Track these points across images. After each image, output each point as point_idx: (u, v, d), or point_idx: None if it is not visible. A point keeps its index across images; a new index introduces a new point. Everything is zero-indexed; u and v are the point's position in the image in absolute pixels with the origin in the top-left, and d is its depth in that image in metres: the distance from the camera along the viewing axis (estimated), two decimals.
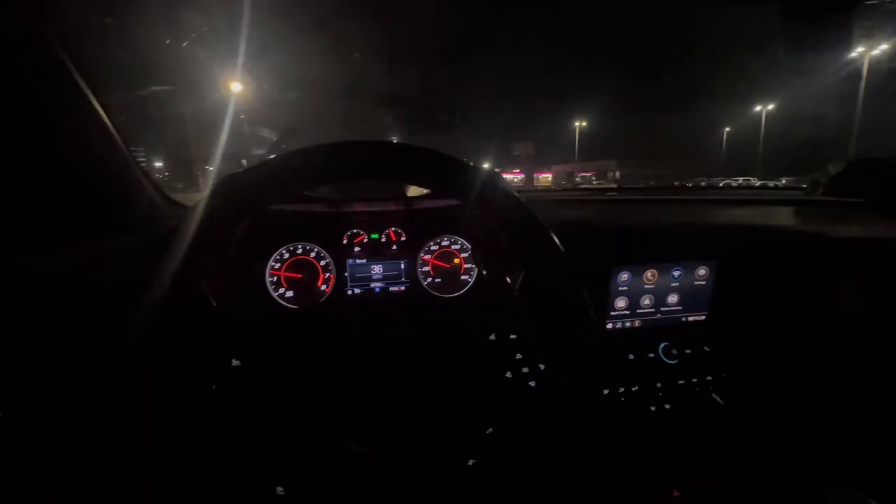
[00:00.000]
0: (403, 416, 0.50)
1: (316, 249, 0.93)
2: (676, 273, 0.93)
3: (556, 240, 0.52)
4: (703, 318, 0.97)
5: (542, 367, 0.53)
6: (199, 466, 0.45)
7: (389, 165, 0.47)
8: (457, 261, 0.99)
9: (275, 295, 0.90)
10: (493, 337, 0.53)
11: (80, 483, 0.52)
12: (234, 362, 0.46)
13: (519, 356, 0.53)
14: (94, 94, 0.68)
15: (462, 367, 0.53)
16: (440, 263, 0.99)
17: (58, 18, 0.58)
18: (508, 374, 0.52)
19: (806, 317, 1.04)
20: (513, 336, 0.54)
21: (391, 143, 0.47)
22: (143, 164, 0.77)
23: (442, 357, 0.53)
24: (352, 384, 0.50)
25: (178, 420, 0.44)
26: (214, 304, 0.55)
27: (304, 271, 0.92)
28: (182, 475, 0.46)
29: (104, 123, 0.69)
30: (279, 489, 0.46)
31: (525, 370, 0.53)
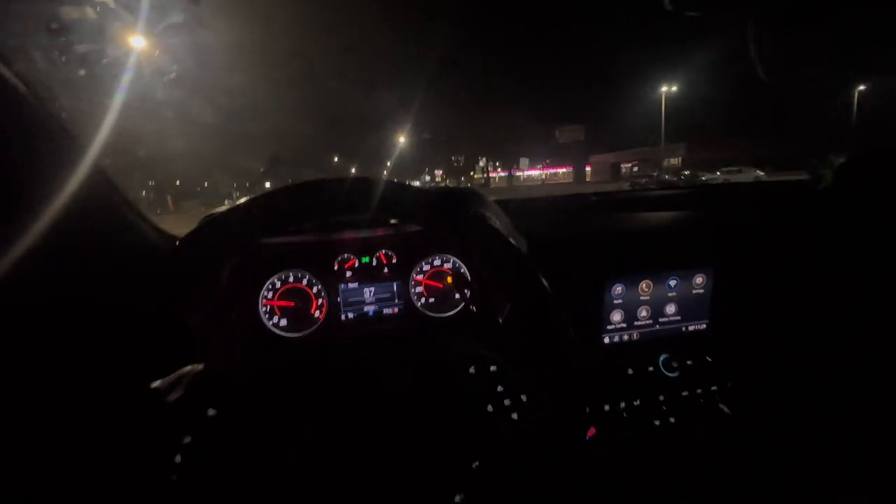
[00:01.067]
0: (390, 451, 0.49)
1: (307, 276, 0.93)
2: (673, 282, 0.91)
3: (537, 271, 0.50)
4: (704, 326, 0.95)
5: (523, 398, 0.52)
6: None
7: (357, 202, 0.47)
8: (449, 280, 0.99)
9: (269, 324, 0.91)
10: (472, 370, 0.53)
11: None
12: (210, 412, 0.47)
13: (500, 388, 0.52)
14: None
15: (446, 399, 0.53)
16: (433, 283, 0.98)
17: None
18: (490, 408, 0.51)
19: (812, 319, 1.01)
20: (493, 368, 0.53)
21: (350, 179, 0.47)
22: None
23: (428, 390, 0.52)
24: (337, 417, 0.49)
25: (156, 471, 0.44)
26: (197, 339, 0.56)
27: (296, 299, 0.92)
28: None
29: (99, 168, 0.70)
30: None
31: (507, 402, 0.52)
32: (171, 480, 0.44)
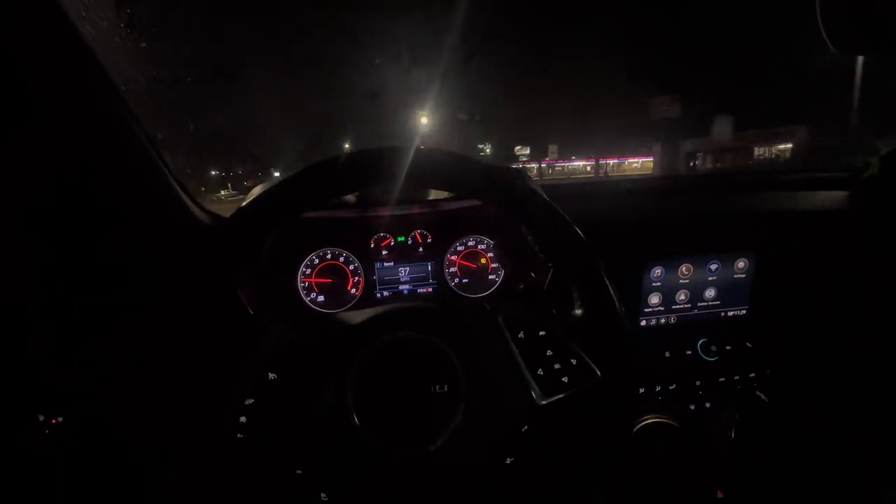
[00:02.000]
0: (439, 414, 0.50)
1: (344, 254, 0.95)
2: (713, 266, 0.89)
3: (582, 236, 0.51)
4: (744, 312, 0.93)
5: (573, 362, 0.52)
6: (243, 477, 0.47)
7: (410, 171, 0.47)
8: (483, 260, 0.99)
9: (307, 300, 0.93)
10: (522, 335, 0.53)
11: (126, 490, 0.55)
12: (271, 376, 0.48)
13: (550, 353, 0.52)
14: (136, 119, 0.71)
15: (493, 366, 0.53)
16: (467, 264, 0.99)
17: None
18: (540, 372, 0.52)
19: (856, 309, 0.98)
20: (542, 332, 0.53)
21: (410, 149, 0.47)
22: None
23: (471, 358, 0.52)
24: (382, 388, 0.50)
25: (221, 432, 0.46)
26: (251, 312, 0.57)
27: (333, 276, 0.94)
28: (228, 483, 0.48)
29: (143, 144, 0.73)
30: (323, 495, 0.47)
31: (557, 366, 0.52)
32: (238, 438, 0.45)
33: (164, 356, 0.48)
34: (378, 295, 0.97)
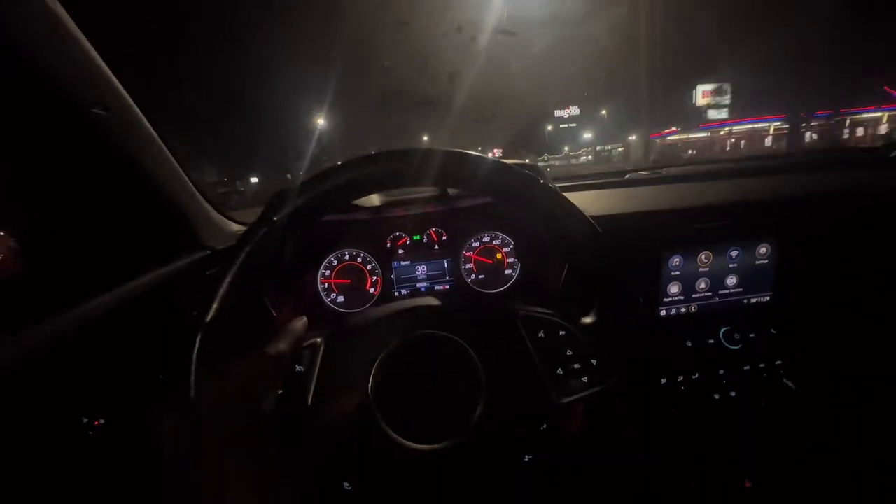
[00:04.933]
0: (459, 415, 0.51)
1: (362, 255, 0.96)
2: (734, 253, 0.88)
3: (599, 229, 0.51)
4: (768, 298, 0.91)
5: (593, 362, 0.53)
6: (269, 465, 0.48)
7: (426, 172, 0.48)
8: (499, 256, 0.99)
9: (327, 301, 0.95)
10: (542, 334, 0.54)
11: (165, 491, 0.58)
12: (298, 368, 0.50)
13: (570, 352, 0.53)
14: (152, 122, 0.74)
15: (512, 365, 0.54)
16: (482, 259, 0.99)
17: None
18: (560, 371, 0.52)
19: (885, 290, 0.95)
20: (562, 332, 0.53)
21: (424, 149, 0.48)
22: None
23: (492, 356, 0.53)
24: (406, 384, 0.51)
25: (250, 427, 0.48)
26: (275, 315, 0.59)
27: (352, 276, 0.96)
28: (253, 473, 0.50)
29: (162, 149, 0.75)
30: (346, 485, 0.49)
31: (576, 366, 0.52)
32: (266, 427, 0.47)
33: (197, 361, 0.50)
34: (396, 293, 0.99)
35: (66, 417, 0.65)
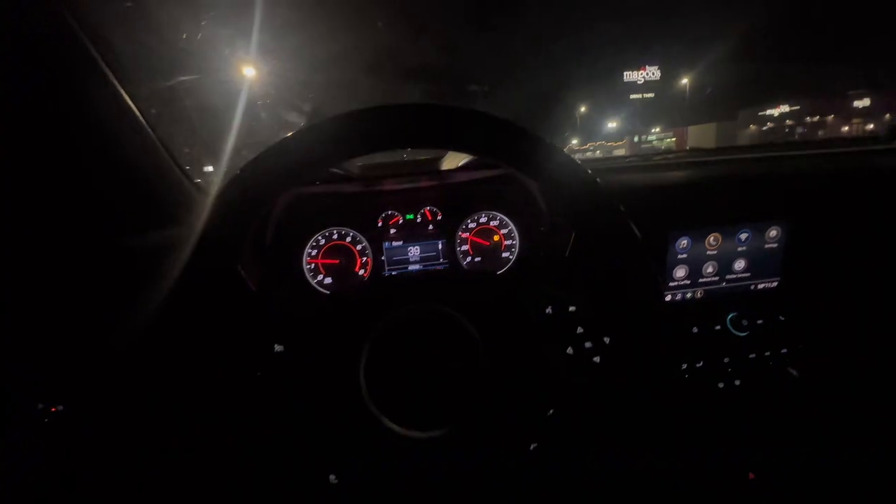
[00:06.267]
0: (458, 399, 0.46)
1: (351, 234, 0.90)
2: (743, 236, 0.84)
3: (620, 205, 0.46)
4: (776, 284, 0.88)
5: (606, 340, 0.48)
6: (248, 455, 0.43)
7: (426, 131, 0.42)
8: (496, 237, 0.94)
9: (313, 282, 0.89)
10: (549, 310, 0.49)
11: (135, 469, 0.52)
12: (277, 348, 0.44)
13: (580, 330, 0.48)
14: (123, 86, 0.67)
15: (518, 344, 0.49)
16: (479, 241, 0.94)
17: (80, 7, 0.57)
18: (570, 350, 0.47)
19: (891, 280, 0.92)
20: (572, 308, 0.49)
21: (426, 105, 0.43)
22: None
23: (495, 334, 0.48)
24: (401, 366, 0.46)
25: (225, 407, 0.43)
26: (253, 289, 0.53)
27: (340, 257, 0.90)
28: (231, 464, 0.45)
29: (135, 116, 0.69)
30: (332, 477, 0.44)
31: (588, 345, 0.48)
32: (244, 411, 0.42)
33: (166, 336, 0.45)
34: (387, 275, 0.93)
35: (18, 404, 0.59)
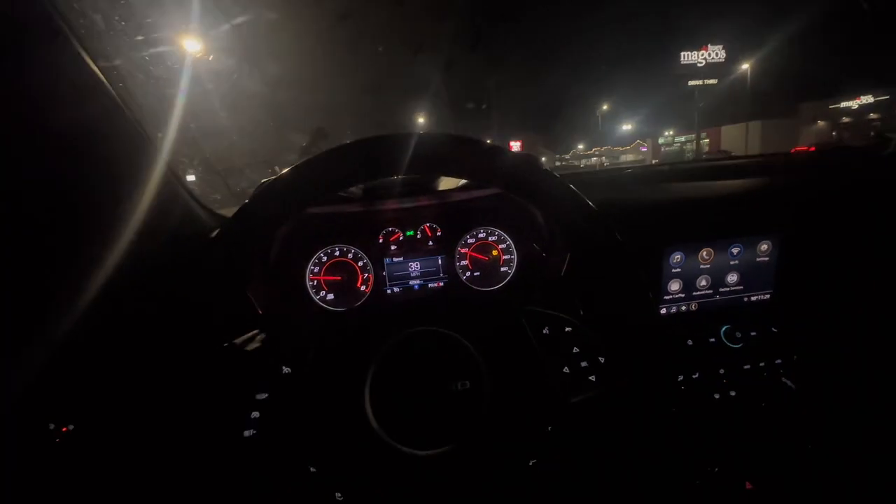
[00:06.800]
0: (458, 417, 0.48)
1: (353, 251, 0.92)
2: (735, 250, 0.86)
3: (609, 221, 0.48)
4: (768, 296, 0.90)
5: (601, 359, 0.50)
6: (256, 474, 0.45)
7: (428, 158, 0.44)
8: (495, 252, 0.96)
9: (316, 298, 0.91)
10: (546, 331, 0.50)
11: (145, 487, 0.54)
12: (285, 370, 0.46)
13: (576, 349, 0.50)
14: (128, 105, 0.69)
15: (518, 363, 0.51)
16: (478, 256, 0.96)
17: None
18: (566, 370, 0.49)
19: (886, 288, 0.94)
20: (567, 329, 0.50)
21: (429, 134, 0.45)
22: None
23: (495, 354, 0.50)
24: (405, 387, 0.48)
25: (234, 427, 0.44)
26: (260, 312, 0.55)
27: (342, 273, 0.92)
28: (240, 482, 0.46)
29: (141, 134, 0.71)
30: (338, 495, 0.45)
31: (584, 364, 0.49)
32: (248, 435, 0.43)
33: (174, 360, 0.47)
34: (388, 291, 0.95)
35: (31, 423, 0.61)
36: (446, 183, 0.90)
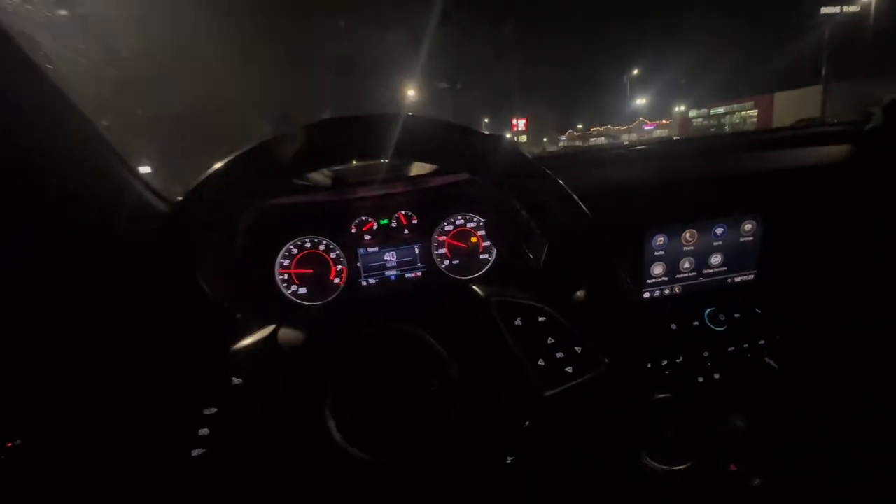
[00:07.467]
0: (427, 420, 0.45)
1: (325, 242, 0.88)
2: (719, 231, 0.84)
3: (581, 204, 0.45)
4: (752, 277, 0.88)
5: (577, 350, 0.47)
6: (208, 497, 0.41)
7: (387, 142, 0.40)
8: (474, 239, 0.93)
9: (287, 293, 0.87)
10: (518, 322, 0.47)
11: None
12: (235, 380, 0.42)
13: (551, 340, 0.47)
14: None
15: (487, 358, 0.47)
16: (456, 243, 0.93)
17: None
18: (541, 362, 0.46)
19: (867, 265, 0.93)
20: (541, 318, 0.47)
21: (385, 115, 0.41)
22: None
23: (465, 350, 0.47)
24: (367, 392, 0.45)
25: (180, 445, 0.41)
26: (217, 302, 0.51)
27: (314, 266, 0.88)
28: (194, 494, 0.43)
29: (83, 118, 0.65)
30: None
31: (560, 355, 0.46)
32: (197, 454, 0.40)
33: (118, 358, 0.43)
34: (363, 283, 0.91)
35: None
36: (419, 167, 0.85)
